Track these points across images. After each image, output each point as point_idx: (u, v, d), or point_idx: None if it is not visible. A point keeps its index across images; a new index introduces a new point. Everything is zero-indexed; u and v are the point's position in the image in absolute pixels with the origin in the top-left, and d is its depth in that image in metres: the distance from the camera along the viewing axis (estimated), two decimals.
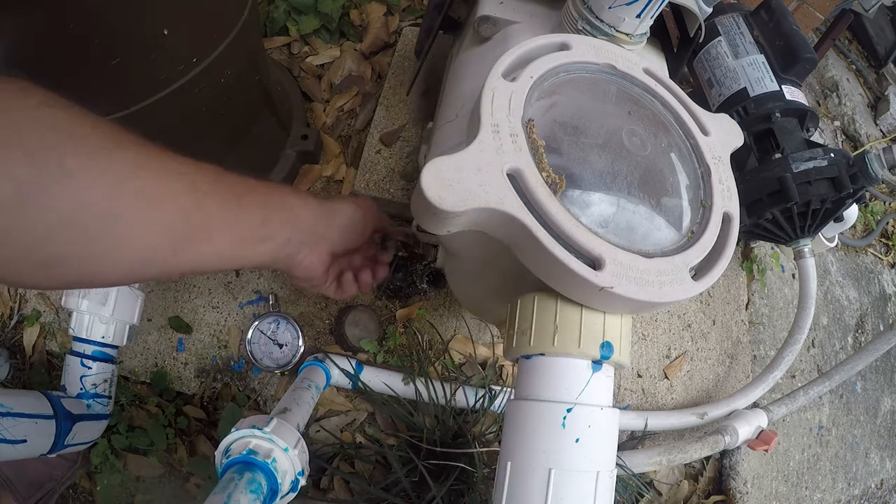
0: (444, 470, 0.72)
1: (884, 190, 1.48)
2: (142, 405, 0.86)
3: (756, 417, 0.90)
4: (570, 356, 0.37)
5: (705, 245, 0.40)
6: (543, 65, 0.41)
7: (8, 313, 0.91)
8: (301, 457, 0.53)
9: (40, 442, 0.66)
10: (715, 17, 0.93)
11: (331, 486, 0.82)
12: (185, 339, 0.87)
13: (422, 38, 0.83)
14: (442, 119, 0.61)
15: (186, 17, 0.55)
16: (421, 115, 0.97)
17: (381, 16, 1.09)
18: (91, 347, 0.73)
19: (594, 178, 0.39)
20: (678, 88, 0.47)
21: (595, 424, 0.36)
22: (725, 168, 0.44)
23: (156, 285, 0.88)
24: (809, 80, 1.53)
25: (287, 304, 0.89)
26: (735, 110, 0.87)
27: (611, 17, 0.52)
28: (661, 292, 0.36)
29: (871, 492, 1.23)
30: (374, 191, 0.90)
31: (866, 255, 1.39)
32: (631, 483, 0.85)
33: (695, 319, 1.04)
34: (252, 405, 0.86)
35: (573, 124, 0.41)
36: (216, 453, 0.51)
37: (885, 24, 1.71)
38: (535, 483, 0.35)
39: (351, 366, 0.80)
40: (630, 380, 0.97)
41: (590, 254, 0.35)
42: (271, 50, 1.05)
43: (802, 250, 0.92)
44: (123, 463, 0.85)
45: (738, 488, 0.99)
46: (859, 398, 1.24)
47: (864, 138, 1.49)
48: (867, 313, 1.32)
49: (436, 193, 0.32)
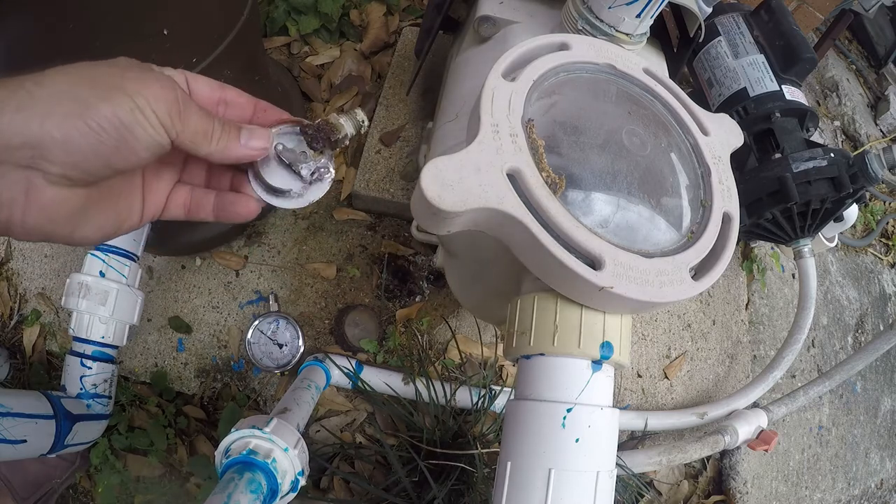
0: (444, 470, 0.71)
1: (884, 190, 1.48)
2: (142, 405, 0.86)
3: (756, 417, 0.90)
4: (570, 356, 0.37)
5: (705, 245, 0.40)
6: (543, 65, 0.41)
7: (8, 313, 0.91)
8: (301, 457, 0.53)
9: (40, 442, 0.66)
10: (715, 17, 0.93)
11: (331, 486, 0.82)
12: (185, 339, 0.87)
13: (422, 38, 0.83)
14: (442, 119, 0.61)
15: (186, 17, 0.55)
16: (421, 115, 0.97)
17: (381, 16, 1.09)
18: (91, 347, 0.73)
19: (594, 178, 0.39)
20: (678, 88, 0.47)
21: (595, 424, 0.36)
22: (725, 168, 0.44)
23: (156, 285, 0.88)
24: (809, 80, 1.53)
25: (287, 304, 0.89)
26: (735, 110, 0.87)
27: (611, 17, 0.52)
28: (661, 292, 0.36)
29: (870, 492, 1.23)
30: (374, 191, 0.90)
31: (866, 255, 1.39)
32: (631, 483, 0.85)
33: (695, 319, 1.04)
34: (252, 405, 0.86)
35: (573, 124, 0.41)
36: (216, 453, 0.51)
37: (885, 24, 1.71)
38: (535, 483, 0.35)
39: (351, 366, 0.80)
40: (630, 380, 0.97)
41: (590, 254, 0.35)
42: (271, 50, 1.05)
43: (802, 250, 0.92)
44: (123, 463, 0.85)
45: (738, 488, 0.99)
46: (859, 398, 1.24)
47: (864, 138, 1.49)
48: (867, 313, 1.32)
49: (436, 193, 0.32)
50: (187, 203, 0.35)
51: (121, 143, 0.27)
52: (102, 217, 0.31)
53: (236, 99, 0.35)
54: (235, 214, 0.36)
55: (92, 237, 0.31)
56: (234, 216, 0.36)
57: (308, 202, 0.36)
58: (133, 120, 0.27)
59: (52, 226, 0.28)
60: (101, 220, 0.31)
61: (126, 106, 0.26)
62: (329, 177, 0.37)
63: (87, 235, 0.31)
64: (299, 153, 0.35)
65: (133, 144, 0.27)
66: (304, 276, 0.90)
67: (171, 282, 0.89)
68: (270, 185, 0.35)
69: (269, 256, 0.91)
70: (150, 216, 0.34)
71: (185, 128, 0.29)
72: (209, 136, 0.31)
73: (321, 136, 0.36)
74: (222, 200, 0.36)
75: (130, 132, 0.27)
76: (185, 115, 0.29)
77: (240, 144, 0.32)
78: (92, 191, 0.29)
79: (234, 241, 0.91)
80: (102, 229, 0.31)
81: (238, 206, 0.35)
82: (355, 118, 0.38)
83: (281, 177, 0.35)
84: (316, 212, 0.94)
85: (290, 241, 0.92)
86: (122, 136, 0.27)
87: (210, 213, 0.36)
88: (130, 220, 0.33)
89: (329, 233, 0.93)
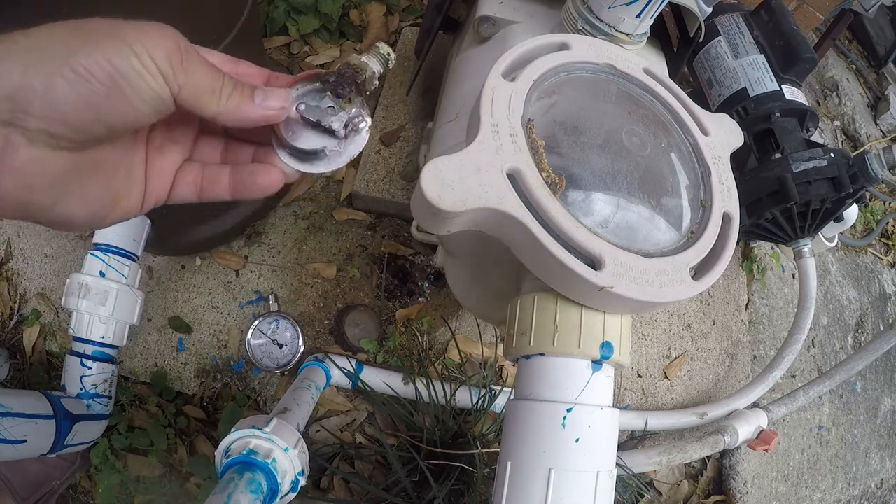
0: (444, 470, 0.71)
1: (884, 190, 1.48)
2: (142, 405, 0.86)
3: (756, 417, 0.90)
4: (570, 356, 0.37)
5: (705, 245, 0.40)
6: (543, 65, 0.41)
7: (8, 313, 0.91)
8: (301, 457, 0.53)
9: (40, 442, 0.66)
10: (715, 17, 0.93)
11: (331, 486, 0.82)
12: (185, 339, 0.87)
13: (422, 38, 0.83)
14: (442, 119, 0.61)
15: (186, 17, 0.55)
16: (421, 115, 0.97)
17: (381, 16, 1.09)
18: (91, 347, 0.73)
19: (594, 178, 0.39)
20: (678, 88, 0.47)
21: (595, 424, 0.36)
22: (725, 168, 0.44)
23: (156, 285, 0.88)
24: (809, 80, 1.53)
25: (287, 304, 0.89)
26: (735, 110, 0.87)
27: (611, 16, 0.52)
28: (661, 292, 0.36)
29: (870, 492, 1.23)
30: (374, 191, 0.90)
31: (866, 255, 1.39)
32: (631, 483, 0.85)
33: (695, 319, 1.04)
34: (252, 405, 0.86)
35: (573, 124, 0.41)
36: (216, 453, 0.51)
37: (885, 24, 1.71)
38: (535, 483, 0.35)
39: (351, 366, 0.80)
40: (630, 380, 0.97)
41: (590, 254, 0.35)
42: (271, 50, 1.05)
43: (802, 250, 0.92)
44: (123, 463, 0.85)
45: (738, 488, 0.99)
46: (859, 398, 1.24)
47: (864, 138, 1.49)
48: (867, 313, 1.32)
49: (436, 193, 0.32)
50: (199, 181, 0.31)
51: (114, 93, 0.24)
52: (92, 191, 0.27)
53: (248, 71, 0.31)
54: (256, 187, 0.30)
55: (78, 215, 0.26)
56: (255, 189, 0.30)
57: (349, 158, 0.32)
58: (128, 66, 0.23)
59: (30, 194, 0.24)
60: (91, 195, 0.27)
61: (121, 51, 0.23)
62: (365, 126, 0.32)
63: (73, 212, 0.26)
64: (326, 108, 0.31)
65: (129, 94, 0.24)
66: (304, 276, 0.90)
67: (171, 282, 0.89)
68: (299, 149, 0.31)
69: (269, 256, 0.91)
70: (154, 199, 0.30)
71: (188, 79, 0.26)
72: (217, 93, 0.27)
73: (345, 80, 0.31)
74: (240, 173, 0.31)
75: (125, 79, 0.24)
76: (188, 64, 0.26)
77: (254, 104, 0.28)
78: (81, 157, 0.25)
79: (234, 241, 0.91)
80: (90, 206, 0.27)
81: (259, 176, 0.30)
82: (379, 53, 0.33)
83: (310, 138, 0.31)
84: (316, 212, 0.94)
85: (290, 241, 0.92)
86: (116, 83, 0.23)
87: (226, 189, 0.31)
88: (128, 202, 0.28)
89: (329, 233, 0.93)
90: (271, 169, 0.31)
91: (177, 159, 0.31)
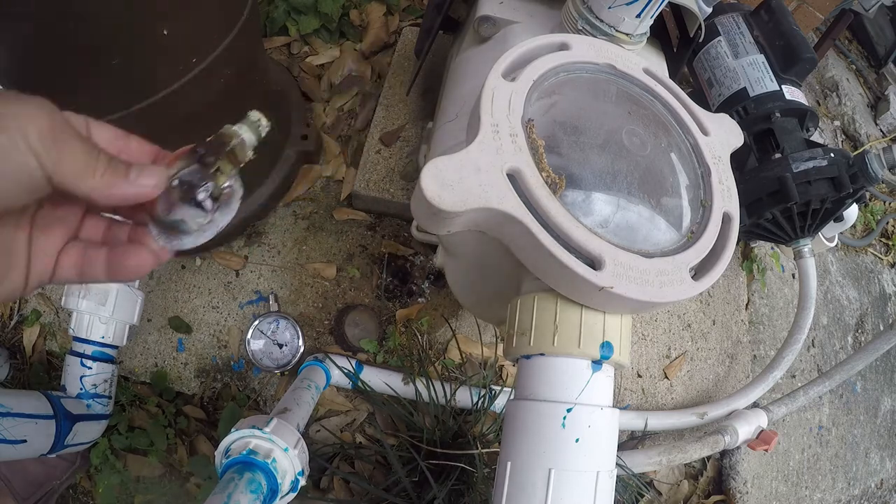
0: (444, 470, 0.71)
1: (884, 190, 1.48)
2: (142, 405, 0.86)
3: (756, 417, 0.90)
4: (570, 356, 0.37)
5: (705, 245, 0.40)
6: (543, 65, 0.41)
7: (8, 313, 0.91)
8: (301, 457, 0.53)
9: (40, 442, 0.66)
10: (715, 17, 0.93)
11: (331, 486, 0.82)
12: (185, 339, 0.87)
13: (422, 38, 0.83)
14: (442, 119, 0.61)
15: (186, 18, 0.55)
16: (421, 115, 0.97)
17: (381, 16, 1.09)
18: (91, 347, 0.73)
19: (594, 178, 0.39)
20: (678, 88, 0.47)
21: (595, 424, 0.36)
22: (725, 168, 0.44)
23: (156, 285, 0.88)
24: (809, 80, 1.53)
25: (287, 304, 0.89)
26: (735, 110, 0.87)
27: (611, 17, 0.52)
28: (661, 292, 0.36)
29: (870, 492, 1.23)
30: (374, 191, 0.90)
31: (866, 255, 1.39)
32: (631, 483, 0.85)
33: (695, 319, 1.04)
34: (252, 405, 0.86)
35: (573, 124, 0.41)
36: (216, 453, 0.51)
37: (885, 24, 1.71)
38: (535, 483, 0.35)
39: (351, 366, 0.80)
40: (630, 380, 0.97)
41: (590, 254, 0.35)
42: (271, 50, 1.05)
43: (802, 250, 0.92)
44: (123, 463, 0.85)
45: (738, 488, 0.99)
46: (859, 398, 1.24)
47: (864, 138, 1.49)
48: (867, 313, 1.32)
49: (436, 193, 0.32)
50: (80, 263, 0.30)
51: None
52: None
53: (140, 147, 0.30)
54: (125, 270, 0.29)
55: None
56: (125, 272, 0.30)
57: (214, 231, 0.31)
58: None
59: None
60: None
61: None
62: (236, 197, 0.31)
63: None
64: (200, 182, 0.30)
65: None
66: (304, 276, 0.90)
67: (170, 282, 0.89)
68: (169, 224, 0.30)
69: (269, 256, 0.91)
70: (37, 280, 0.29)
71: (61, 157, 0.24)
72: (91, 170, 0.26)
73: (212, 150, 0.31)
74: (115, 254, 0.30)
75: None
76: (61, 141, 0.24)
77: (128, 181, 0.27)
78: None
79: (234, 241, 0.91)
80: None
81: (128, 258, 0.29)
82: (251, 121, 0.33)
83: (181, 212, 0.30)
84: (316, 212, 0.94)
85: (290, 241, 0.92)
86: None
87: (102, 272, 0.30)
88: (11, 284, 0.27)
89: (329, 233, 0.93)
90: (140, 250, 0.30)
91: (61, 239, 0.30)
